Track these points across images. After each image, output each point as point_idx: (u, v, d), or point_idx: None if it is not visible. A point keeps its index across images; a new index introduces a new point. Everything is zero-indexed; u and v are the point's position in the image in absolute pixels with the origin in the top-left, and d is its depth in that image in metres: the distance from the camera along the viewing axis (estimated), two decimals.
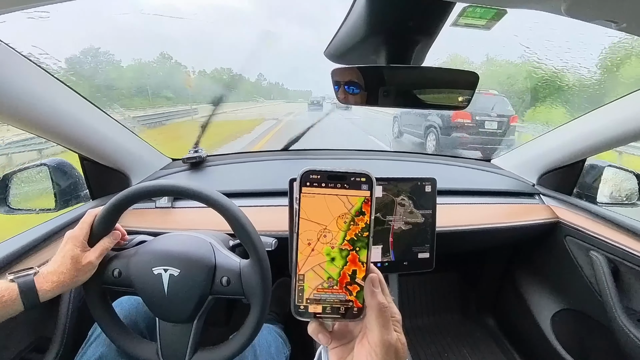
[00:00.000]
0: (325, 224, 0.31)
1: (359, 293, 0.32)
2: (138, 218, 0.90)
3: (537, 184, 1.17)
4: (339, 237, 0.31)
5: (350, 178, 0.31)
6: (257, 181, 1.06)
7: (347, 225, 0.31)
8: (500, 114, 5.14)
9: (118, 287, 0.61)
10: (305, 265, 0.31)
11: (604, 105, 0.88)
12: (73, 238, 0.56)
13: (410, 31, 0.53)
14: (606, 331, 0.92)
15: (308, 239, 0.31)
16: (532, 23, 1.74)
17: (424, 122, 5.94)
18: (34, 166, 0.83)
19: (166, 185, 0.61)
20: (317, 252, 0.31)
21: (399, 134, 6.98)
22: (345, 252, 0.31)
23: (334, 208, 0.31)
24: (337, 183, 0.31)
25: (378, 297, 0.31)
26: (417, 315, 1.45)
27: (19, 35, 0.58)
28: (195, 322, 0.61)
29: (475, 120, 5.11)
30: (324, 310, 0.32)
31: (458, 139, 5.21)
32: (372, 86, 0.54)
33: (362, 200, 0.31)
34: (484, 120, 5.11)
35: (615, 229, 0.92)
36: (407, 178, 0.82)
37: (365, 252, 0.32)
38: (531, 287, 1.23)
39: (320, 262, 0.31)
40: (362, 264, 0.32)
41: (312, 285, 0.31)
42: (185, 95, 8.43)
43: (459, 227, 0.97)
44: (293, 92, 24.72)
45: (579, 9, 0.38)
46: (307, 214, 0.31)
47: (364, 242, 0.31)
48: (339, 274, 0.31)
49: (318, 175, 0.31)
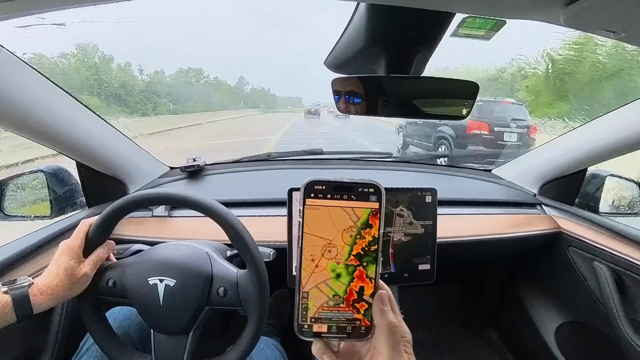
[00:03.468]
0: (329, 238, 0.29)
1: (367, 311, 0.30)
2: (134, 227, 0.89)
3: (538, 194, 1.16)
4: (345, 251, 0.29)
5: (357, 189, 0.29)
6: (256, 190, 1.05)
7: (353, 239, 0.29)
8: (520, 124, 4.67)
9: (112, 297, 0.60)
10: (309, 283, 0.29)
11: (604, 115, 0.89)
12: (68, 249, 0.55)
13: (409, 41, 0.54)
14: (611, 344, 0.90)
15: (312, 255, 0.29)
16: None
17: (433, 133, 5.42)
18: (30, 172, 0.83)
19: (163, 193, 0.60)
20: (322, 269, 0.29)
21: (404, 146, 6.46)
22: (351, 268, 0.29)
23: (339, 221, 0.29)
24: (344, 194, 0.29)
25: (388, 316, 0.29)
26: (417, 329, 1.43)
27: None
28: (191, 334, 0.59)
29: (494, 132, 4.60)
30: (329, 330, 0.30)
31: (474, 153, 4.70)
32: (371, 96, 0.54)
33: (369, 212, 0.29)
34: (503, 132, 4.60)
35: (618, 239, 0.91)
36: (406, 188, 0.81)
37: (373, 268, 0.30)
38: (534, 299, 1.21)
39: (325, 279, 0.29)
40: (370, 280, 0.30)
41: (316, 304, 0.30)
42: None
43: (460, 238, 0.96)
44: (282, 99, 23.38)
45: (578, 20, 0.38)
46: (310, 227, 0.29)
47: (372, 257, 0.30)
48: (345, 291, 0.30)
49: (323, 186, 0.29)
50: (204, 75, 11.80)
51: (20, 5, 0.38)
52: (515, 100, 5.23)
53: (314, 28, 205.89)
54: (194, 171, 1.11)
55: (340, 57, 0.63)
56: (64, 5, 0.42)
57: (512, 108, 4.85)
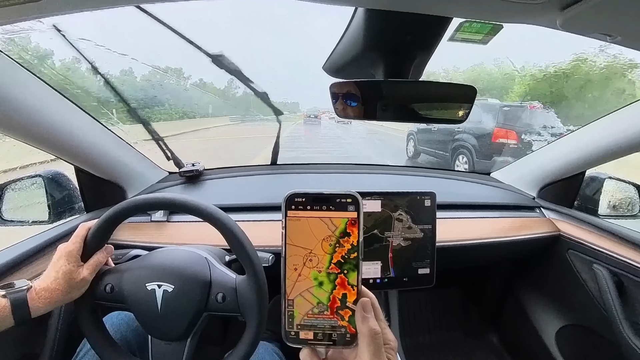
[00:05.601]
0: (310, 247, 0.31)
1: (352, 318, 0.30)
2: (133, 232, 0.89)
3: (537, 197, 1.16)
4: (325, 260, 0.31)
5: (335, 200, 0.31)
6: (255, 195, 1.05)
7: (333, 248, 0.31)
8: (552, 132, 4.04)
9: (110, 302, 0.59)
10: (293, 291, 0.31)
11: (602, 117, 0.89)
12: (66, 253, 0.55)
13: (407, 46, 0.54)
14: (612, 347, 0.90)
15: (294, 264, 0.31)
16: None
17: (450, 142, 4.86)
18: (28, 177, 0.82)
19: (162, 198, 0.60)
20: (305, 277, 0.31)
21: (415, 154, 5.94)
22: (333, 276, 0.31)
23: (318, 231, 0.31)
24: (322, 205, 0.31)
25: (369, 323, 0.29)
26: (418, 333, 1.42)
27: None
28: (189, 340, 0.59)
29: (522, 141, 4.05)
30: (316, 337, 0.31)
31: (501, 165, 4.15)
32: (370, 100, 0.55)
33: (347, 221, 0.31)
34: (533, 141, 4.02)
35: (617, 241, 0.91)
36: (404, 192, 0.81)
37: (354, 275, 0.31)
38: (534, 303, 1.20)
39: (309, 287, 0.31)
40: (352, 287, 0.31)
41: (302, 311, 0.31)
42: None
43: (460, 241, 0.95)
44: (277, 105, 22.32)
45: (574, 24, 0.39)
46: (292, 238, 0.31)
47: (352, 264, 0.31)
48: (328, 298, 0.31)
49: (303, 199, 0.31)
50: (184, 76, 10.56)
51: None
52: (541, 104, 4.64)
53: (312, 32, 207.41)
54: (192, 176, 1.11)
55: (339, 61, 0.64)
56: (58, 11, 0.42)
57: (539, 114, 4.35)
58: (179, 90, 11.46)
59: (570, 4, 0.35)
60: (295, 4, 0.42)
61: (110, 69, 1.07)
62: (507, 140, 4.08)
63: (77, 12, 0.43)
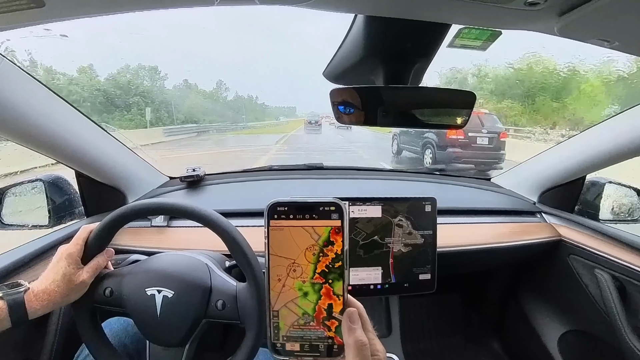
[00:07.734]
0: (293, 257, 0.30)
1: (338, 328, 0.30)
2: (133, 236, 0.88)
3: (538, 202, 1.16)
4: (309, 270, 0.30)
5: (318, 208, 0.30)
6: (256, 201, 1.05)
7: (316, 258, 0.30)
8: (491, 130, 5.80)
9: (109, 306, 0.59)
10: (278, 302, 0.30)
11: (603, 122, 0.89)
12: (67, 255, 0.55)
13: (407, 52, 0.54)
14: (615, 352, 0.89)
15: (278, 275, 0.30)
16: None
17: (421, 140, 6.51)
18: (29, 181, 0.83)
19: (163, 203, 0.60)
20: (289, 288, 0.30)
21: (398, 152, 7.64)
22: (318, 286, 0.30)
23: (300, 240, 0.30)
24: (305, 214, 0.30)
25: (356, 334, 0.29)
26: (418, 339, 1.40)
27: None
28: (187, 347, 0.59)
29: (468, 137, 5.71)
30: (302, 348, 0.30)
31: (452, 154, 5.79)
32: (370, 106, 0.55)
33: (329, 230, 0.30)
34: (476, 137, 5.73)
35: (619, 246, 0.91)
36: (404, 198, 0.81)
37: (340, 284, 0.30)
38: (536, 308, 1.19)
39: (293, 298, 0.30)
40: (338, 297, 0.30)
41: (287, 323, 0.30)
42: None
43: (460, 247, 0.95)
44: (273, 109, 21.42)
45: (572, 29, 0.39)
46: (274, 248, 0.30)
47: (337, 274, 0.30)
48: (313, 309, 0.30)
49: (285, 207, 0.30)
50: (159, 75, 9.75)
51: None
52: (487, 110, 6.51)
53: (306, 36, 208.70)
54: (193, 181, 1.11)
55: (339, 68, 0.64)
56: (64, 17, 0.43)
57: (484, 117, 5.98)
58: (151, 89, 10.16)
59: (568, 10, 0.35)
60: (293, 8, 0.42)
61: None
62: (457, 137, 5.70)
63: (79, 18, 0.44)
